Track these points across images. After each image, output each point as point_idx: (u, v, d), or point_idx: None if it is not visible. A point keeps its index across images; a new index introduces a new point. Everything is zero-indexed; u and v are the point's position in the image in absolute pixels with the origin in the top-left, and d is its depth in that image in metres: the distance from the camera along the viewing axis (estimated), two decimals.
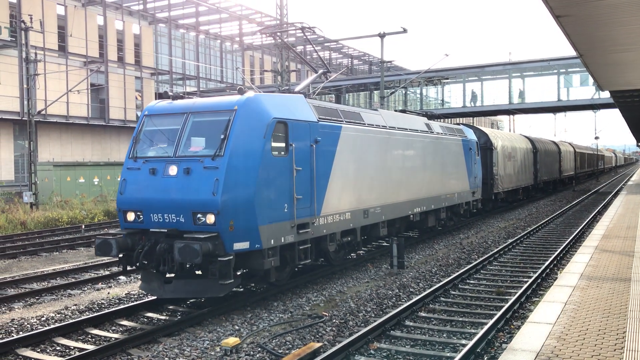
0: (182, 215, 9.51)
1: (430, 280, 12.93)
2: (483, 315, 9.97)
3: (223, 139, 9.64)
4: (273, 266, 10.29)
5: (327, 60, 78.08)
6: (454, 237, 19.73)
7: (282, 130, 10.51)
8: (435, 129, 18.55)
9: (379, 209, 14.23)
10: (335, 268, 13.48)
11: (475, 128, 26.90)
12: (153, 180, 9.92)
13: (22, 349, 8.32)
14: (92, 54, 46.06)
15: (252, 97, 10.20)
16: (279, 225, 10.26)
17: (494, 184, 26.39)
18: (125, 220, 10.20)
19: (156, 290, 10.03)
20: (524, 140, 34.66)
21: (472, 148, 21.67)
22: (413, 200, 16.31)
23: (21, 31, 32.24)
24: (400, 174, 15.53)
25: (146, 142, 10.61)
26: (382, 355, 8.01)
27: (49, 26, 42.18)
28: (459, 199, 20.23)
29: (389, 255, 14.03)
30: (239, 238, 9.45)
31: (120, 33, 49.47)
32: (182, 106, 10.65)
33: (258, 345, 8.31)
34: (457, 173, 20.07)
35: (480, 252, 16.66)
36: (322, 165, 11.70)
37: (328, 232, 11.98)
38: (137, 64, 50.53)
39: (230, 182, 9.38)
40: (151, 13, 53.59)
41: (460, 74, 44.60)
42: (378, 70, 59.68)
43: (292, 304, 10.71)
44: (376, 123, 14.47)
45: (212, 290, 9.56)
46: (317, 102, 12.51)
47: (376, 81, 46.78)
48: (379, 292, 11.58)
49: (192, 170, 9.60)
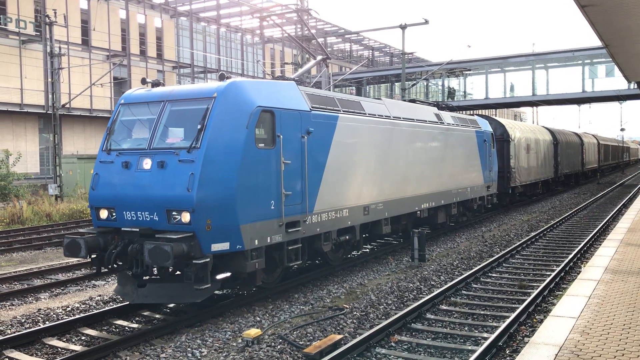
0: (156, 213, 8.73)
1: (452, 273, 12.87)
2: (505, 309, 9.90)
3: (200, 129, 8.81)
4: (258, 268, 9.46)
5: (348, 52, 77.84)
6: (475, 230, 19.59)
7: (268, 119, 9.67)
8: (446, 120, 17.50)
9: (382, 205, 13.30)
10: (336, 268, 12.71)
11: (491, 119, 26.07)
12: (126, 174, 9.14)
13: (49, 338, 8.48)
14: (114, 47, 46.52)
15: (234, 83, 9.39)
16: (265, 223, 9.44)
17: (510, 177, 25.46)
18: (97, 218, 9.44)
19: (129, 294, 9.31)
20: (543, 132, 33.75)
21: (486, 140, 20.62)
22: (420, 195, 15.34)
23: (46, 26, 32.67)
24: (406, 168, 14.59)
25: (121, 133, 9.83)
26: (403, 348, 8.00)
27: (72, 20, 42.67)
28: (472, 193, 19.21)
29: (410, 248, 13.98)
30: (218, 238, 8.66)
31: (142, 27, 49.86)
32: (159, 94, 9.80)
33: (279, 336, 8.37)
34: (469, 166, 19.06)
35: (503, 245, 16.52)
36: (315, 158, 10.84)
37: (322, 230, 11.11)
38: (159, 58, 50.90)
39: (207, 176, 8.58)
40: (173, 6, 53.86)
41: (482, 65, 44.15)
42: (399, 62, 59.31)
43: (312, 296, 10.74)
44: (379, 113, 13.51)
45: (188, 295, 8.82)
46: (310, 89, 11.60)
47: (397, 73, 46.52)
48: (400, 285, 11.56)
49: (166, 163, 8.80)
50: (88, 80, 40.34)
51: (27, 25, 39.66)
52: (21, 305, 10.76)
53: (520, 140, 27.14)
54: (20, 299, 11.12)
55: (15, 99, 40.03)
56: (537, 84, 42.35)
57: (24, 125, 41.25)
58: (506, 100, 44.82)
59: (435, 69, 42.30)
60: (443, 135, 16.95)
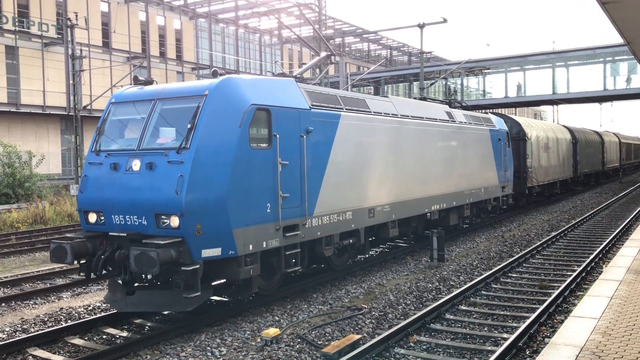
0: (145, 217, 8.35)
1: (471, 273, 12.79)
2: (525, 309, 9.82)
3: (190, 128, 8.42)
4: (253, 275, 9.03)
5: (365, 52, 77.70)
6: (495, 230, 19.44)
7: (264, 118, 9.21)
8: (457, 118, 16.91)
9: (388, 207, 12.76)
10: (340, 272, 12.17)
11: (507, 117, 25.44)
12: (114, 176, 8.77)
13: (71, 336, 8.60)
14: (134, 49, 47.00)
15: (226, 80, 8.98)
16: (260, 227, 9.00)
17: (527, 177, 24.71)
18: (86, 222, 9.09)
19: (118, 302, 8.94)
20: (562, 130, 33.04)
21: (501, 138, 19.93)
22: (430, 196, 14.72)
23: (67, 28, 33.10)
24: (415, 168, 14.00)
25: (111, 134, 9.48)
26: (422, 348, 7.98)
27: (93, 23, 43.18)
28: (486, 194, 18.52)
29: (429, 248, 13.92)
30: (208, 244, 8.23)
31: (162, 28, 50.32)
32: (150, 92, 9.44)
33: (298, 336, 8.39)
34: (483, 166, 18.37)
35: (523, 245, 16.37)
36: (316, 158, 10.36)
37: (324, 234, 10.63)
38: (178, 59, 51.32)
39: (197, 178, 8.17)
40: (192, 8, 54.26)
41: (502, 64, 43.79)
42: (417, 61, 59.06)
43: (331, 296, 10.75)
44: (385, 111, 12.97)
45: (178, 303, 8.44)
46: (311, 87, 11.11)
47: (415, 72, 46.37)
48: (419, 285, 11.52)
49: (155, 165, 8.41)
50: (109, 82, 40.84)
51: (50, 28, 40.29)
52: (44, 304, 10.93)
53: (537, 138, 26.52)
54: (43, 298, 11.30)
55: (37, 101, 40.66)
56: (557, 83, 41.88)
57: (47, 126, 41.87)
58: (526, 99, 44.38)
59: (453, 67, 42.05)
60: (455, 134, 16.38)
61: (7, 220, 22.37)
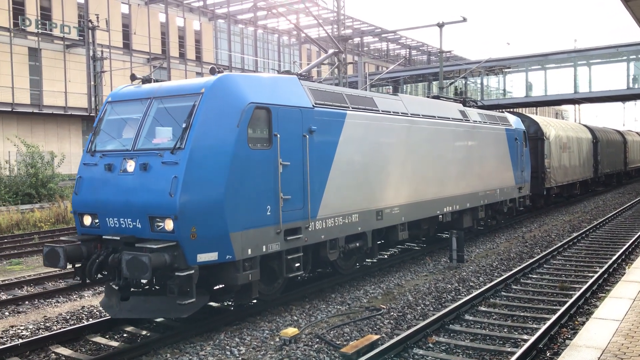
0: (139, 220, 8.05)
1: (491, 274, 12.70)
2: (545, 311, 9.72)
3: (185, 128, 8.11)
4: (251, 280, 8.66)
5: (384, 52, 77.53)
6: (515, 231, 19.28)
7: (264, 117, 8.86)
8: (472, 117, 16.33)
9: (397, 209, 12.29)
10: (342, 276, 11.72)
11: (524, 116, 24.86)
12: (109, 178, 8.49)
13: (92, 335, 8.71)
14: (154, 50, 47.46)
15: (223, 78, 8.66)
16: (259, 231, 8.64)
17: (545, 177, 23.99)
18: (81, 225, 8.79)
19: (112, 307, 8.58)
20: (582, 130, 32.29)
21: (518, 138, 19.27)
22: (442, 198, 14.20)
23: (88, 30, 33.54)
24: (426, 169, 13.52)
25: (106, 134, 9.20)
26: (441, 349, 7.94)
27: (114, 25, 43.70)
28: (501, 195, 17.93)
29: (448, 249, 13.85)
30: (204, 248, 7.90)
31: (182, 30, 50.75)
32: (147, 91, 9.15)
33: (316, 335, 8.40)
34: (499, 166, 17.76)
35: (544, 245, 16.21)
36: (319, 159, 9.97)
37: (328, 237, 10.23)
38: (197, 60, 51.70)
39: (192, 180, 7.85)
40: (211, 9, 54.62)
41: (522, 63, 43.40)
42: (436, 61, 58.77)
43: (349, 296, 10.75)
44: (394, 110, 12.51)
45: (173, 310, 8.06)
46: (315, 84, 10.68)
47: (435, 71, 46.14)
48: (438, 286, 11.47)
49: (149, 166, 8.11)
50: (129, 83, 41.26)
51: (71, 30, 40.85)
52: (66, 302, 11.08)
53: (555, 138, 25.85)
54: (65, 297, 11.46)
55: (59, 102, 41.25)
56: (579, 81, 41.38)
57: (68, 127, 42.45)
58: (547, 98, 43.92)
59: (473, 67, 41.76)
60: (469, 133, 15.84)
61: (30, 219, 22.72)
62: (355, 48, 68.37)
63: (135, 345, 7.99)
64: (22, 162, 29.54)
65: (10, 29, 38.94)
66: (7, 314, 10.27)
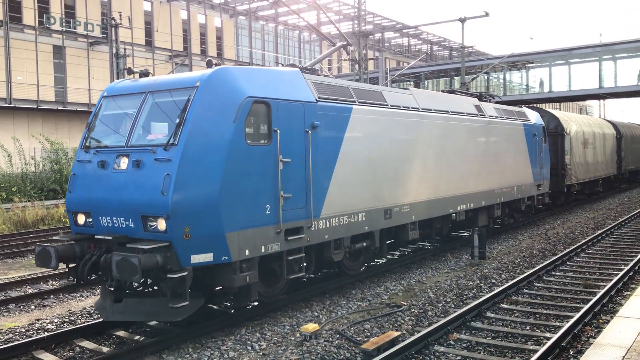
0: (132, 219, 7.77)
1: (513, 271, 12.59)
2: (569, 309, 9.61)
3: (179, 123, 7.80)
4: (249, 282, 8.32)
5: (405, 47, 77.11)
6: (538, 228, 19.08)
7: (263, 112, 8.51)
8: (487, 112, 15.75)
9: (407, 208, 11.84)
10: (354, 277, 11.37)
11: (544, 111, 24.22)
12: (102, 175, 8.20)
13: (116, 328, 8.81)
14: (176, 47, 47.83)
15: (220, 70, 8.30)
16: (258, 231, 8.30)
17: (565, 174, 23.32)
18: (75, 224, 8.54)
19: (106, 309, 8.31)
20: (605, 125, 31.44)
21: (536, 134, 18.59)
22: (456, 196, 13.71)
23: (111, 28, 33.91)
24: (438, 165, 13.02)
25: (101, 129, 8.91)
26: (462, 346, 7.90)
27: (136, 22, 44.13)
28: (519, 193, 17.33)
29: (470, 246, 13.76)
30: (198, 249, 7.60)
31: (203, 27, 51.05)
32: (142, 85, 8.82)
33: (337, 331, 8.42)
34: (516, 163, 17.18)
35: (567, 243, 16.02)
36: (323, 155, 9.58)
37: (332, 237, 9.85)
38: (219, 57, 51.95)
39: (186, 177, 7.55)
40: (232, 6, 54.85)
41: (546, 58, 42.84)
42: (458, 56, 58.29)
43: (370, 293, 10.74)
44: (404, 104, 12.03)
45: (167, 313, 7.79)
46: (319, 78, 10.31)
47: (457, 67, 45.79)
48: (459, 283, 11.41)
49: (142, 163, 7.82)
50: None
51: (95, 28, 41.34)
52: (90, 296, 11.25)
53: (577, 134, 25.07)
54: (89, 291, 11.62)
55: (83, 99, 41.81)
56: (604, 76, 40.72)
57: None
58: (571, 94, 43.31)
59: (496, 62, 41.33)
60: (484, 128, 15.28)
61: (55, 215, 23.08)
62: (376, 44, 68.14)
63: (157, 340, 8.08)
64: (47, 159, 30.03)
65: (35, 28, 39.56)
66: (33, 307, 10.47)
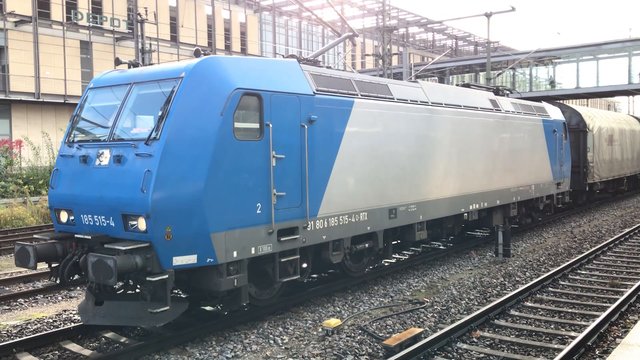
0: (112, 218, 7.38)
1: (538, 269, 12.44)
2: (595, 308, 9.47)
3: (161, 116, 7.37)
4: (237, 286, 7.84)
5: (430, 42, 76.53)
6: (564, 226, 18.82)
7: (253, 105, 8.00)
8: (503, 107, 15.10)
9: (414, 207, 11.29)
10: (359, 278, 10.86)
11: (565, 106, 23.45)
12: (84, 171, 7.82)
13: None
14: (201, 43, 48.12)
15: (207, 60, 7.83)
16: (247, 231, 7.83)
17: (587, 172, 22.57)
18: (58, 222, 8.20)
19: (87, 312, 7.95)
20: (631, 121, 30.42)
21: (557, 130, 17.87)
22: (468, 194, 13.10)
23: (137, 23, 34.25)
24: (448, 162, 12.43)
25: (85, 123, 8.52)
26: (485, 344, 7.84)
27: (162, 18, 44.52)
28: (537, 191, 16.64)
29: (494, 243, 13.64)
30: (181, 250, 7.17)
31: (227, 22, 51.31)
32: (128, 76, 8.40)
33: (359, 327, 8.42)
34: (534, 160, 16.49)
35: (593, 241, 15.78)
36: (320, 151, 9.06)
37: (330, 238, 9.32)
38: (243, 52, 52.19)
39: (167, 174, 7.11)
40: (256, 1, 55.00)
41: (573, 53, 42.15)
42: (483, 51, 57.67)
43: (392, 289, 10.72)
44: (412, 98, 11.46)
45: (147, 318, 7.40)
46: (318, 69, 9.75)
47: (482, 62, 45.30)
48: (483, 280, 11.32)
49: (124, 158, 7.41)
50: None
51: (121, 24, 41.84)
52: None
53: (600, 130, 24.22)
54: None
55: None
56: (633, 72, 39.91)
57: None
58: (599, 90, 42.53)
59: (522, 57, 40.78)
60: (499, 124, 14.61)
61: None
62: (400, 39, 67.74)
63: (182, 332, 8.17)
64: None
65: (63, 23, 40.14)
66: (60, 299, 10.66)
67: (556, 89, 43.91)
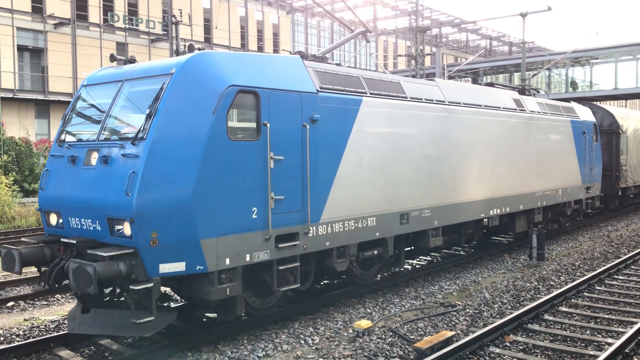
0: (98, 221, 7.03)
1: (573, 273, 12.21)
2: (632, 314, 9.25)
3: (149, 114, 6.98)
4: (230, 295, 7.40)
5: (464, 43, 75.77)
6: (600, 230, 18.43)
7: (250, 103, 7.54)
8: (528, 107, 14.31)
9: (428, 211, 10.66)
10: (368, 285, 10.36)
11: (597, 107, 22.41)
12: (73, 172, 7.52)
13: None
14: (234, 44, 48.62)
15: (199, 56, 7.43)
16: (241, 237, 7.37)
17: (620, 176, 21.48)
18: (48, 224, 7.89)
19: (75, 319, 7.60)
20: None
21: (587, 131, 17.06)
22: (488, 199, 12.43)
23: (172, 25, 34.74)
24: (466, 165, 11.77)
25: (76, 122, 8.22)
26: (518, 349, 7.73)
27: (196, 19, 45.10)
28: (564, 196, 15.84)
29: (528, 247, 13.43)
30: (168, 257, 6.76)
31: (260, 23, 51.70)
32: (120, 72, 8.04)
33: (390, 329, 8.39)
34: (561, 163, 15.67)
35: (631, 246, 15.41)
36: (324, 153, 8.53)
37: (334, 244, 8.76)
38: (275, 53, 52.48)
39: (153, 176, 6.72)
40: (289, 2, 55.26)
41: (611, 53, 41.23)
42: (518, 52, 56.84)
43: (424, 291, 10.65)
44: (427, 97, 10.85)
45: (132, 328, 6.97)
46: (324, 66, 9.17)
47: (516, 63, 44.65)
48: (516, 284, 11.16)
49: (111, 159, 7.07)
50: None
51: (156, 25, 42.55)
52: None
53: (634, 132, 23.05)
54: None
55: None
56: None
57: None
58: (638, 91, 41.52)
59: (558, 58, 40.06)
60: (524, 125, 13.86)
61: None
62: (433, 39, 67.24)
63: (213, 330, 8.25)
64: None
65: (100, 25, 40.99)
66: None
67: (593, 90, 43.03)
